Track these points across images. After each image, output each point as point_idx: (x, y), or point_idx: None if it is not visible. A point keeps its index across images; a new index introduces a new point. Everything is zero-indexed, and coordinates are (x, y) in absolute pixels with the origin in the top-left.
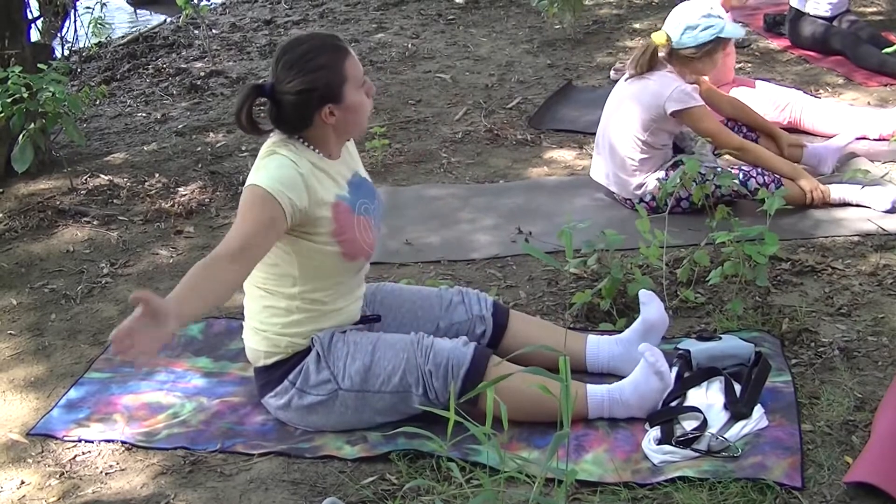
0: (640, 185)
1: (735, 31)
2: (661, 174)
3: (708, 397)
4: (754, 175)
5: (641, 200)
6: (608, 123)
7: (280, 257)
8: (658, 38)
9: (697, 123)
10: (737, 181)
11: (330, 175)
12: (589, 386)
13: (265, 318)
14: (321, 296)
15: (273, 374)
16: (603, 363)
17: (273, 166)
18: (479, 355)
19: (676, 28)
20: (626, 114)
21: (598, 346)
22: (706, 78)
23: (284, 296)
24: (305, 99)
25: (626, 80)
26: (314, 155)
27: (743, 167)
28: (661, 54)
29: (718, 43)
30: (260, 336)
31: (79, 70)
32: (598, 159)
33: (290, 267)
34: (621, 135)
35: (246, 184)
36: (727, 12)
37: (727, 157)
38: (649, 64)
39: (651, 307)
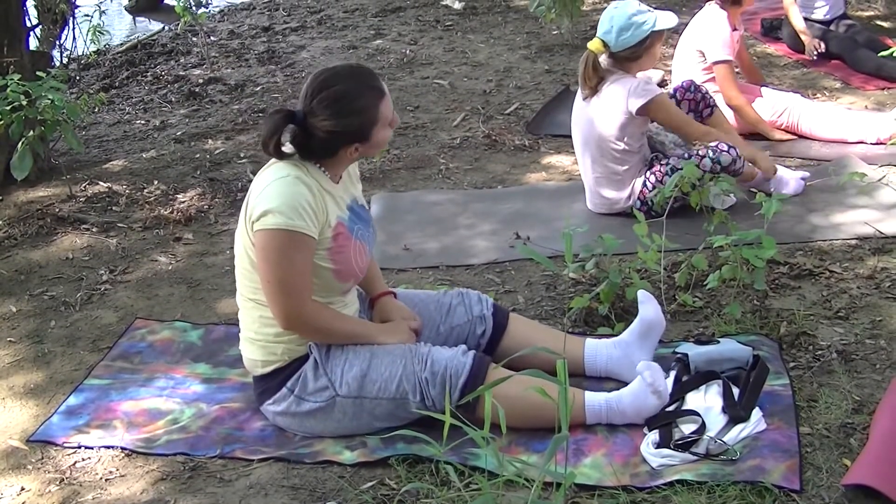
0: (629, 196)
1: (668, 21)
2: (647, 175)
3: (706, 401)
4: (724, 149)
5: (633, 208)
6: (581, 147)
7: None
8: (594, 45)
9: (661, 114)
10: (731, 183)
11: (333, 197)
12: (587, 393)
13: (259, 328)
14: None
15: (271, 381)
16: (601, 367)
17: (285, 192)
18: (478, 364)
19: (609, 33)
20: (596, 131)
21: (597, 350)
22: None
23: None
24: (336, 138)
25: (583, 99)
26: (323, 176)
27: (710, 145)
28: (602, 61)
29: (654, 36)
30: (256, 346)
31: (77, 78)
32: (584, 181)
33: None
34: (598, 153)
35: (263, 221)
36: (735, 30)
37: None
38: (596, 74)
39: (648, 307)
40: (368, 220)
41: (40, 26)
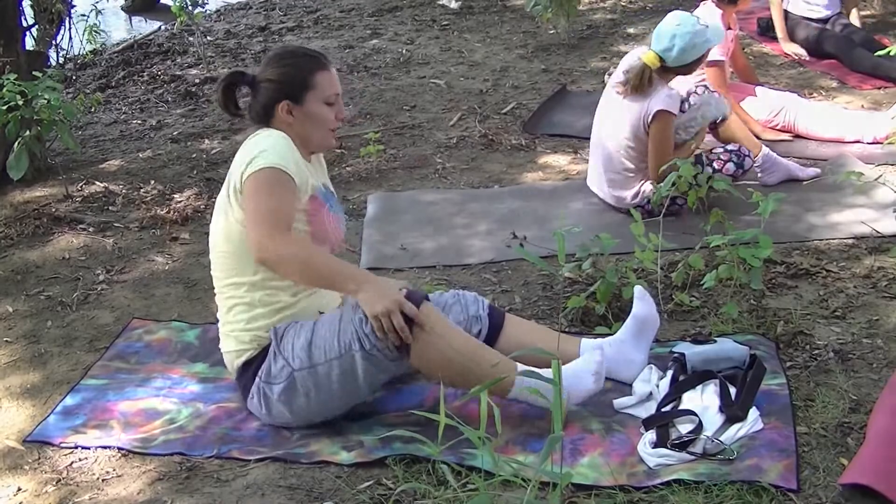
0: (636, 194)
1: (719, 34)
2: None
3: (703, 400)
4: (746, 153)
5: (639, 206)
6: (601, 137)
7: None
8: (650, 59)
9: (661, 129)
10: (728, 184)
11: (307, 170)
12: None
13: (232, 316)
14: (280, 284)
15: (245, 376)
16: None
17: (272, 143)
18: (412, 294)
19: (670, 50)
20: (620, 126)
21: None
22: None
23: (248, 286)
24: (269, 88)
25: (618, 93)
26: (298, 148)
27: (730, 148)
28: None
29: (707, 52)
30: (230, 338)
31: (74, 77)
32: (594, 170)
33: None
34: (615, 147)
35: (252, 165)
36: (729, 29)
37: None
38: (648, 85)
39: (641, 304)
40: (340, 206)
41: (36, 26)
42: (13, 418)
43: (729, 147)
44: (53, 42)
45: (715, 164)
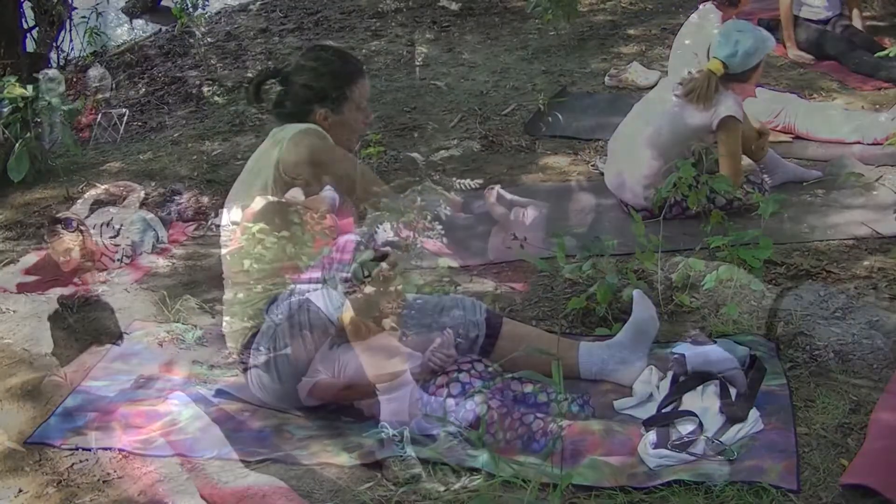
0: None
1: (772, 42)
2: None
3: (703, 401)
4: (767, 177)
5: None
6: (636, 138)
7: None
8: (715, 67)
9: (731, 136)
10: (728, 184)
11: None
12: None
13: (234, 296)
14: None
15: (246, 353)
16: (595, 369)
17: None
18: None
19: (734, 56)
20: (667, 129)
21: (591, 352)
22: None
23: (257, 274)
24: (307, 94)
25: (678, 99)
26: None
27: (751, 178)
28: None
29: (764, 58)
30: (234, 319)
31: (74, 79)
32: (614, 169)
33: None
34: (656, 149)
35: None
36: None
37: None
38: (714, 92)
39: (641, 307)
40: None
41: (37, 28)
42: (14, 420)
43: (751, 178)
44: (54, 44)
45: (738, 194)
